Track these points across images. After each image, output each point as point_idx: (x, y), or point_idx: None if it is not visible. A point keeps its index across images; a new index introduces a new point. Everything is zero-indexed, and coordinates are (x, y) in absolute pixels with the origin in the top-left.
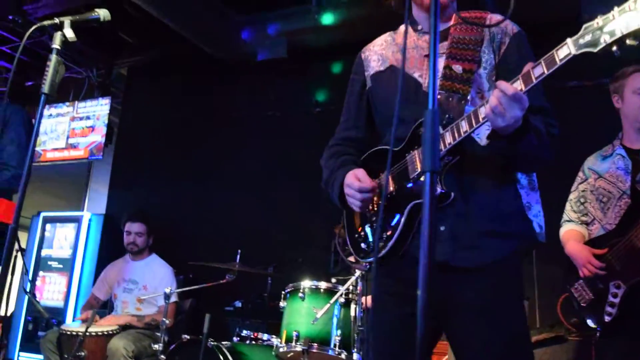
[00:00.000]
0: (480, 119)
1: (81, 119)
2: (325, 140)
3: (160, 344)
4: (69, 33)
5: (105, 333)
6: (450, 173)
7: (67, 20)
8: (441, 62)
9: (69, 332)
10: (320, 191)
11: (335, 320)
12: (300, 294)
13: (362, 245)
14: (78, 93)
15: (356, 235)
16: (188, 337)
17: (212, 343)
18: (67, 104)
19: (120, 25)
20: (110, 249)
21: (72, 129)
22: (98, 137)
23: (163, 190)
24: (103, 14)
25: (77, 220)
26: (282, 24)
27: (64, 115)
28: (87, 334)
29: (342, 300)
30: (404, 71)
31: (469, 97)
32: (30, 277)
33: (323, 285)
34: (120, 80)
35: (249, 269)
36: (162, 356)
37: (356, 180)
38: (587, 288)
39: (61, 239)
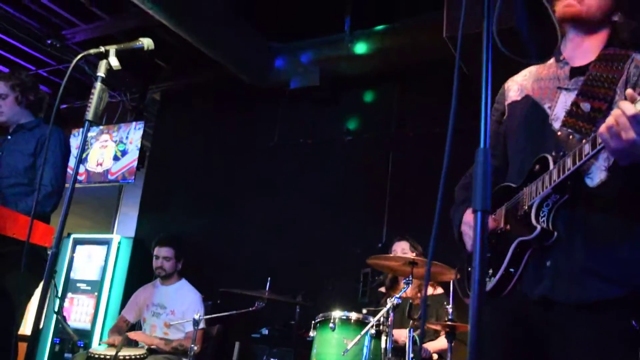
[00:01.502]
0: (584, 156)
1: (114, 142)
2: (356, 169)
3: None
4: (114, 62)
5: (134, 357)
6: (562, 212)
7: (112, 49)
8: (570, 97)
9: (97, 356)
10: (350, 220)
11: (365, 351)
12: (330, 324)
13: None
14: (111, 116)
15: (468, 272)
16: None
17: None
18: (101, 127)
19: (156, 50)
20: (140, 272)
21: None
22: (130, 161)
23: (194, 215)
24: (147, 43)
25: (106, 243)
26: (315, 52)
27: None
28: (116, 358)
29: (372, 331)
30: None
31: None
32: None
33: (354, 316)
34: (153, 105)
35: (278, 297)
36: None
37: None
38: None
39: (90, 261)
